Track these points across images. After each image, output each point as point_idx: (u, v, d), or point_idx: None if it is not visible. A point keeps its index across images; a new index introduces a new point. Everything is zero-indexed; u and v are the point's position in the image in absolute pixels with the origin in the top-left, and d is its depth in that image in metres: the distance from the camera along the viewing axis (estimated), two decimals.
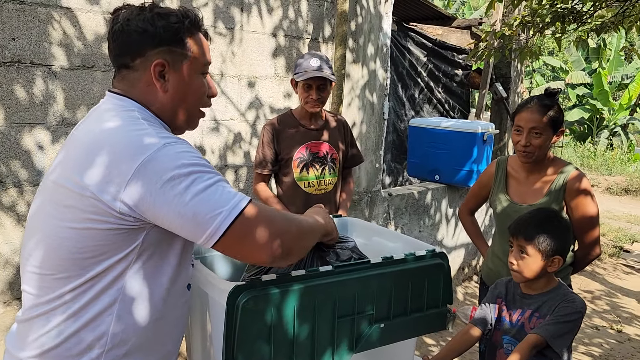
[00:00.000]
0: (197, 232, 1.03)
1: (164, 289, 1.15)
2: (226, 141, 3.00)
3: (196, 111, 1.23)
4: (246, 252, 1.08)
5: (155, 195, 1.00)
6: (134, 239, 1.07)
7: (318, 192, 2.59)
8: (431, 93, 5.82)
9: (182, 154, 1.04)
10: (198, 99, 1.21)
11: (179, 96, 1.18)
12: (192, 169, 1.03)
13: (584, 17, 4.12)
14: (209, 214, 1.01)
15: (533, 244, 1.73)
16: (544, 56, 19.33)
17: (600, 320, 4.51)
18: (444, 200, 4.58)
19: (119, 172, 1.01)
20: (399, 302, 1.42)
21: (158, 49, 1.13)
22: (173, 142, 1.06)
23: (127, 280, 1.09)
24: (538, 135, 2.09)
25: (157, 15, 1.14)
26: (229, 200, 1.04)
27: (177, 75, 1.16)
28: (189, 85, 1.18)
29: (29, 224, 1.14)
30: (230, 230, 1.02)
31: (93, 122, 1.14)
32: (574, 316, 1.68)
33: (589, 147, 15.16)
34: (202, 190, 1.02)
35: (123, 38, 1.14)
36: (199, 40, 1.19)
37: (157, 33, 1.12)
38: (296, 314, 1.24)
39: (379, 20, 3.69)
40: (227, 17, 2.89)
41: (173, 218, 1.02)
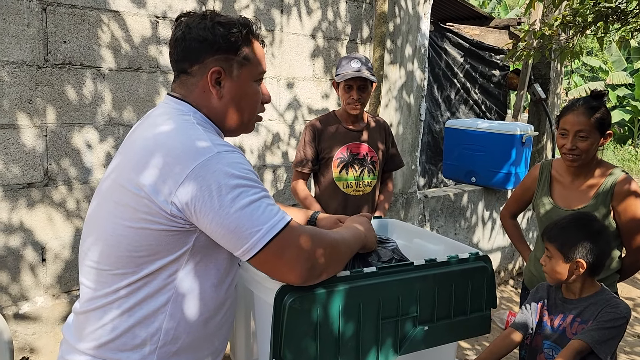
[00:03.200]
0: (235, 245, 1.07)
1: (214, 289, 1.19)
2: (265, 141, 3.04)
3: (251, 117, 1.27)
4: (278, 271, 1.11)
5: (202, 202, 1.03)
6: (185, 241, 1.10)
7: (356, 193, 2.61)
8: (467, 94, 5.75)
9: (233, 165, 1.07)
10: (252, 106, 1.24)
11: (234, 103, 1.21)
12: (240, 181, 1.05)
13: (628, 17, 4.01)
14: (249, 230, 1.05)
15: (554, 245, 1.75)
16: (583, 56, 18.84)
17: None
18: (480, 202, 4.52)
19: (173, 175, 1.04)
20: (442, 304, 1.42)
21: (216, 56, 1.17)
22: (226, 150, 1.09)
23: (179, 280, 1.13)
24: (584, 139, 2.04)
25: (217, 24, 1.17)
26: (270, 218, 1.07)
27: (232, 83, 1.19)
28: (244, 93, 1.21)
29: (88, 221, 1.19)
30: (266, 248, 1.06)
31: (150, 126, 1.17)
32: (619, 322, 1.64)
33: (630, 149, 14.72)
34: (247, 205, 1.05)
35: (184, 45, 1.18)
36: (255, 48, 1.22)
37: (216, 41, 1.16)
38: (341, 313, 1.25)
39: (417, 21, 3.68)
40: (268, 18, 2.93)
41: (215, 227, 1.05)
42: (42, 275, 2.36)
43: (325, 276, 1.18)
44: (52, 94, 2.29)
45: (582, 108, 2.06)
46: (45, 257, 2.36)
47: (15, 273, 2.29)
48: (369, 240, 1.41)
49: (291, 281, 1.13)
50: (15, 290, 2.29)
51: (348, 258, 1.29)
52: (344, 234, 1.28)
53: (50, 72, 2.27)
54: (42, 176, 2.31)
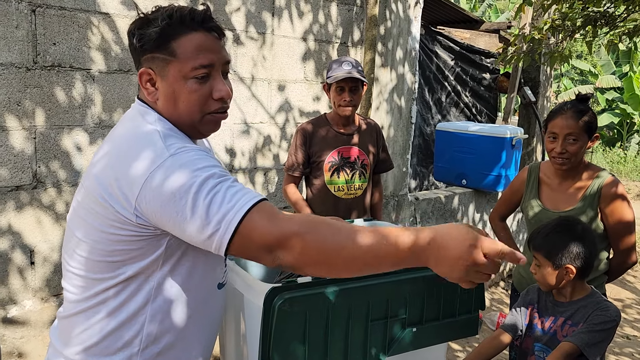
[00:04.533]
0: (206, 242, 1.00)
1: (194, 290, 1.18)
2: (256, 144, 3.04)
3: (198, 118, 1.14)
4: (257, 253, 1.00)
5: (162, 209, 1.01)
6: (158, 245, 1.10)
7: (347, 197, 2.61)
8: (458, 97, 5.79)
9: (186, 164, 1.01)
10: (191, 104, 1.12)
11: (170, 103, 1.13)
12: (195, 180, 0.99)
13: (616, 21, 4.06)
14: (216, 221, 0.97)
15: (542, 255, 1.76)
16: (572, 59, 18.99)
17: (631, 330, 4.41)
18: (471, 205, 4.54)
19: (130, 188, 1.02)
20: (431, 306, 1.43)
21: (144, 57, 1.12)
22: (178, 151, 1.04)
23: (158, 282, 1.13)
24: (574, 142, 2.06)
25: (139, 23, 1.13)
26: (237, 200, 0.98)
27: (163, 82, 1.12)
28: (176, 92, 1.11)
29: (68, 224, 1.19)
30: (235, 236, 0.97)
31: (113, 132, 1.17)
32: (609, 325, 1.66)
33: (619, 152, 14.86)
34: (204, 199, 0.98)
35: (130, 51, 1.17)
36: (189, 41, 1.10)
37: (137, 42, 1.12)
38: (330, 316, 1.26)
39: (408, 24, 3.70)
40: (259, 21, 2.93)
41: (181, 230, 1.01)
42: (30, 279, 2.34)
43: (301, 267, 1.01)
44: (41, 96, 2.27)
45: (571, 112, 2.08)
46: (34, 260, 2.34)
47: (3, 276, 2.27)
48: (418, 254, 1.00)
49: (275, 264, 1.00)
50: (3, 293, 2.28)
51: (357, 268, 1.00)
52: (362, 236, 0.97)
53: (39, 74, 2.26)
54: (30, 179, 2.30)
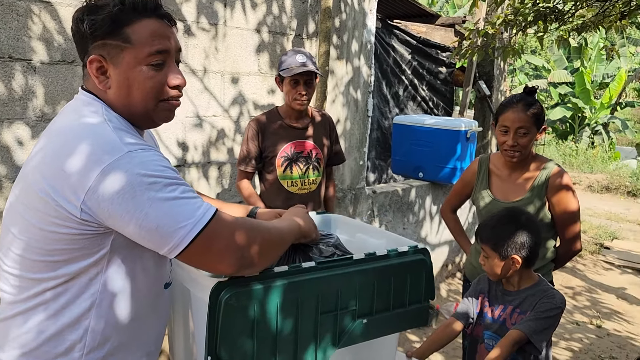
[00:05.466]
0: (159, 244, 1.02)
1: (142, 289, 1.15)
2: (209, 137, 2.98)
3: (152, 105, 1.12)
4: (208, 263, 1.08)
5: (115, 206, 0.98)
6: (101, 244, 1.06)
7: (301, 191, 2.59)
8: (415, 91, 5.84)
9: (146, 163, 1.00)
10: (146, 92, 1.10)
11: (123, 92, 1.09)
12: (155, 179, 1.00)
13: (565, 17, 4.17)
14: (173, 227, 1.00)
15: (489, 246, 1.79)
16: (527, 55, 19.53)
17: (580, 316, 4.57)
18: (427, 197, 4.60)
19: (80, 179, 0.98)
20: (381, 297, 1.43)
21: (94, 44, 1.08)
22: (138, 149, 1.02)
23: (103, 283, 1.09)
24: (525, 135, 2.10)
25: (87, 9, 1.08)
26: (194, 212, 1.02)
27: (115, 69, 1.08)
28: (130, 79, 1.09)
29: (4, 221, 1.12)
30: (193, 243, 1.02)
31: (56, 124, 1.11)
32: (554, 311, 1.70)
33: (571, 145, 15.37)
34: (166, 202, 1.00)
35: (74, 39, 1.12)
36: (142, 27, 1.08)
37: (84, 30, 1.07)
38: (279, 309, 1.23)
39: (363, 17, 3.70)
40: (211, 12, 2.87)
41: (134, 229, 1.00)
42: None
43: (258, 267, 1.15)
44: None
45: (521, 105, 2.11)
46: None
47: None
48: (307, 230, 1.38)
49: (222, 271, 1.10)
50: None
51: (282, 248, 1.26)
52: (277, 225, 1.26)
53: None
54: None
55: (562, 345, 3.95)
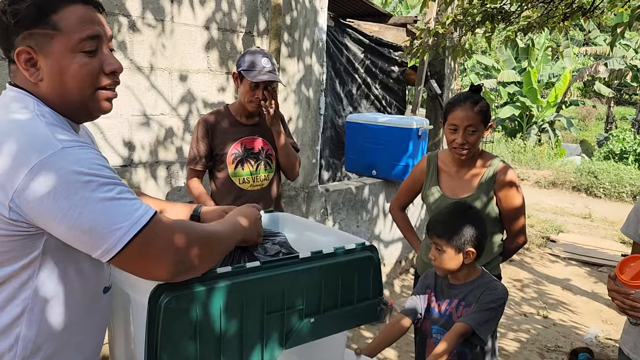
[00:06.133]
0: (92, 246, 0.97)
1: (76, 295, 1.10)
2: (157, 136, 2.90)
3: (87, 93, 1.07)
4: (143, 269, 1.03)
5: (47, 204, 0.93)
6: (33, 246, 1.00)
7: (253, 189, 2.57)
8: (368, 89, 5.89)
9: (81, 161, 0.96)
10: (82, 80, 1.05)
11: (57, 82, 1.04)
12: (91, 178, 0.95)
13: (511, 17, 4.30)
14: (107, 229, 0.96)
15: (445, 240, 1.80)
16: (477, 55, 20.06)
17: (528, 308, 4.73)
18: (381, 195, 4.64)
19: (8, 177, 0.93)
20: (329, 296, 1.42)
21: (20, 36, 1.02)
22: (73, 145, 0.97)
23: (35, 288, 1.03)
24: (473, 132, 2.14)
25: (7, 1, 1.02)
26: (131, 214, 0.98)
27: (47, 60, 1.03)
28: (63, 68, 1.04)
29: None
30: (128, 246, 0.97)
31: None
32: (497, 302, 1.74)
33: (520, 142, 15.87)
34: (101, 202, 0.95)
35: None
36: (71, 13, 1.03)
37: (10, 19, 1.01)
38: (223, 311, 1.21)
39: (314, 15, 3.69)
40: (157, 7, 2.79)
41: (66, 230, 0.96)
42: None
43: (197, 271, 1.11)
44: None
45: (468, 103, 2.15)
46: None
47: None
48: (252, 233, 1.36)
49: (159, 277, 1.05)
50: None
51: (223, 252, 1.22)
52: (219, 227, 1.22)
53: None
54: None
55: (511, 336, 4.07)
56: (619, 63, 16.18)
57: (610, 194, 10.69)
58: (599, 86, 18.43)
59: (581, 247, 6.74)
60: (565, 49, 17.29)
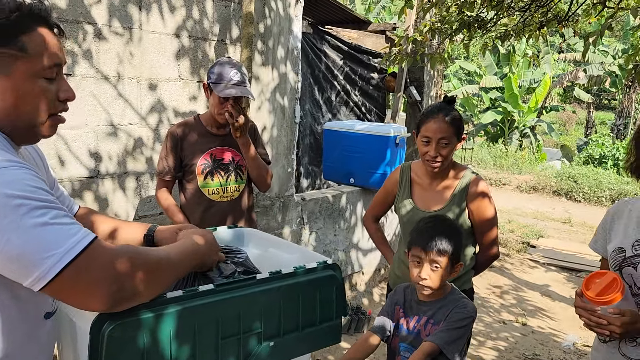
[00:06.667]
0: (21, 274, 0.91)
1: (12, 321, 1.03)
2: (125, 147, 2.83)
3: (39, 119, 1.05)
4: (77, 299, 0.97)
5: None
6: None
7: (223, 200, 2.51)
8: (348, 96, 5.86)
9: (12, 183, 0.91)
10: (36, 106, 1.04)
11: (11, 104, 1.01)
12: (22, 201, 0.90)
13: (488, 25, 4.30)
14: (38, 256, 0.90)
15: (447, 257, 1.73)
16: (460, 61, 20.20)
17: (507, 315, 4.72)
18: (359, 203, 4.61)
19: None
20: (289, 317, 1.37)
21: None
22: (5, 166, 0.92)
23: None
24: (446, 145, 2.11)
25: None
26: (65, 240, 0.92)
27: (5, 80, 1.00)
28: (22, 91, 1.01)
29: None
30: (60, 275, 0.91)
31: None
32: (466, 321, 1.71)
33: (501, 147, 16.00)
34: (32, 228, 0.89)
35: None
36: (38, 36, 1.02)
37: None
38: (173, 338, 1.15)
39: (288, 23, 3.65)
40: (124, 15, 2.73)
41: None
42: None
43: (142, 298, 1.05)
44: None
45: (442, 115, 2.11)
46: None
47: None
48: (209, 257, 1.31)
49: (94, 308, 0.99)
50: None
51: (173, 278, 1.16)
52: (170, 252, 1.15)
53: None
54: None
55: (489, 344, 4.05)
56: (598, 69, 16.41)
57: (589, 199, 10.80)
58: (579, 92, 18.69)
59: (561, 252, 6.77)
60: (545, 55, 17.50)
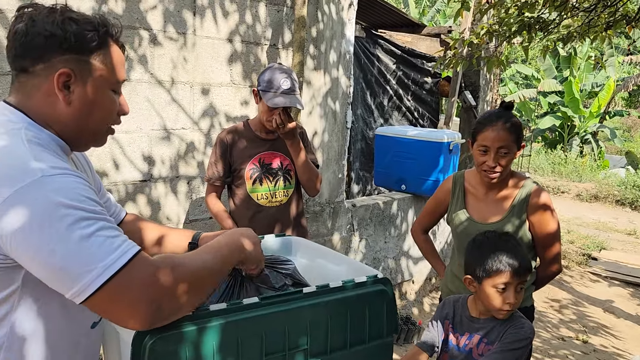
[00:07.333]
0: (63, 287, 0.89)
1: (59, 331, 1.03)
2: (178, 151, 2.86)
3: (102, 128, 1.11)
4: (116, 316, 0.94)
5: (20, 238, 0.86)
6: (11, 279, 0.94)
7: (272, 205, 2.49)
8: (400, 101, 5.76)
9: (61, 191, 0.89)
10: (106, 116, 1.10)
11: (85, 110, 1.05)
12: (69, 211, 0.88)
13: (550, 27, 4.11)
14: (79, 270, 0.87)
15: (527, 275, 1.64)
16: (517, 64, 19.58)
17: (566, 331, 4.47)
18: (410, 210, 4.49)
19: None
20: (337, 334, 1.30)
21: (66, 56, 1.00)
22: (55, 173, 0.91)
23: (13, 324, 0.97)
24: (505, 155, 1.98)
25: (68, 20, 1.01)
26: (107, 255, 0.89)
27: (84, 88, 1.04)
28: (97, 101, 1.06)
29: None
30: (100, 290, 0.88)
31: None
32: (522, 343, 1.59)
33: (560, 154, 15.37)
34: (76, 241, 0.87)
35: (24, 40, 1.00)
36: (114, 53, 1.08)
37: (67, 39, 1.00)
38: (216, 352, 1.11)
39: (341, 27, 3.59)
40: (179, 20, 2.75)
41: (37, 266, 0.89)
42: None
43: (181, 314, 1.02)
44: None
45: (501, 123, 1.98)
46: None
47: None
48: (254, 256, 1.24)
49: (132, 327, 0.96)
50: None
51: (215, 283, 1.12)
52: (205, 258, 1.08)
53: None
54: None
55: None
56: None
57: None
58: None
59: (625, 265, 6.38)
60: (610, 57, 16.68)
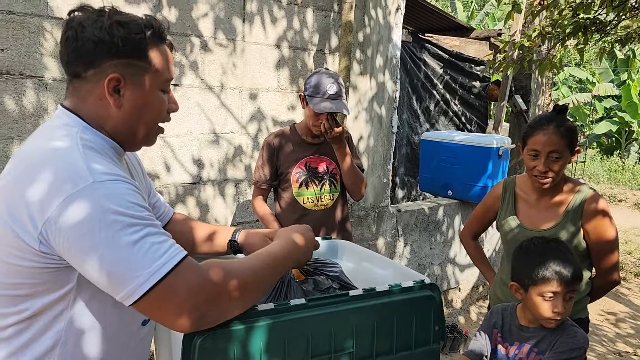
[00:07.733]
0: (112, 290, 0.92)
1: (112, 328, 1.06)
2: (226, 154, 2.91)
3: (153, 128, 1.13)
4: (163, 320, 0.95)
5: (72, 242, 0.90)
6: (67, 279, 0.97)
7: (317, 208, 2.50)
8: (447, 105, 5.68)
9: (111, 197, 0.92)
10: (155, 117, 1.12)
11: (135, 113, 1.07)
12: (118, 217, 0.90)
13: (607, 28, 3.96)
14: (126, 275, 0.90)
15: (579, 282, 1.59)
16: (571, 68, 18.94)
17: (623, 345, 4.27)
18: (457, 216, 4.41)
19: (39, 209, 0.90)
20: (383, 339, 1.29)
21: (115, 61, 1.02)
22: (106, 179, 0.93)
23: (69, 320, 1.01)
24: (557, 159, 1.92)
25: (116, 24, 1.02)
26: (153, 261, 0.91)
27: (134, 91, 1.06)
28: (147, 102, 1.08)
29: None
30: (147, 295, 0.91)
31: (24, 147, 1.04)
32: (575, 353, 1.53)
33: (617, 160, 14.73)
34: (124, 246, 0.90)
35: (76, 45, 1.02)
36: (162, 53, 1.09)
37: (115, 44, 1.01)
38: (263, 352, 1.12)
39: (388, 31, 3.58)
40: (228, 27, 2.82)
41: (88, 269, 0.92)
42: None
43: (226, 319, 1.03)
44: None
45: (552, 127, 1.92)
46: None
47: None
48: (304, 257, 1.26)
49: (179, 329, 0.98)
50: None
51: (266, 289, 1.13)
52: (256, 265, 1.09)
53: None
54: None
55: None
56: None
57: None
58: None
59: None
60: None
